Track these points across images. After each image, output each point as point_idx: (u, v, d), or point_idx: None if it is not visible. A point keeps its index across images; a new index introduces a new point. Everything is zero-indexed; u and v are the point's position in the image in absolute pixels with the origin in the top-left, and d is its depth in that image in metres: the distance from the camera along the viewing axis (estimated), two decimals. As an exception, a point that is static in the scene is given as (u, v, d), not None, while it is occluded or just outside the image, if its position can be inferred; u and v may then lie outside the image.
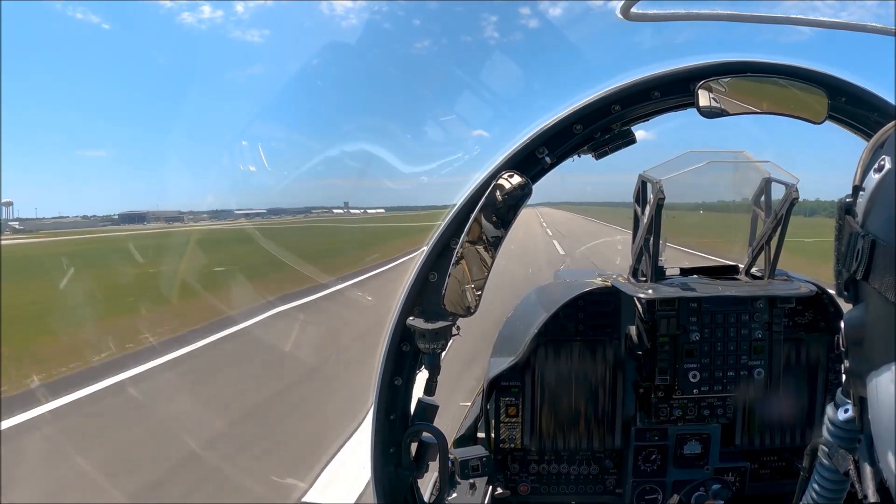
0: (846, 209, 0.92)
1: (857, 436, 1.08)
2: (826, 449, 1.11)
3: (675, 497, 2.11)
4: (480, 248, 1.52)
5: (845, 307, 0.95)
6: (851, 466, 1.00)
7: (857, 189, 0.91)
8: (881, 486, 0.92)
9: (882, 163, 0.85)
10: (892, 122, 0.96)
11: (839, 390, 1.13)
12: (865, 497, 0.94)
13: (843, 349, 0.92)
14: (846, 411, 1.06)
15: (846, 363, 0.92)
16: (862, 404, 0.93)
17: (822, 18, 1.54)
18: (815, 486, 1.17)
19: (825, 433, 1.15)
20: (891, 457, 0.77)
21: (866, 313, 0.85)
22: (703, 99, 1.52)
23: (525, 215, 1.72)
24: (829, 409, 1.15)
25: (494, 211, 1.50)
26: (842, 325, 0.91)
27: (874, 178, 0.86)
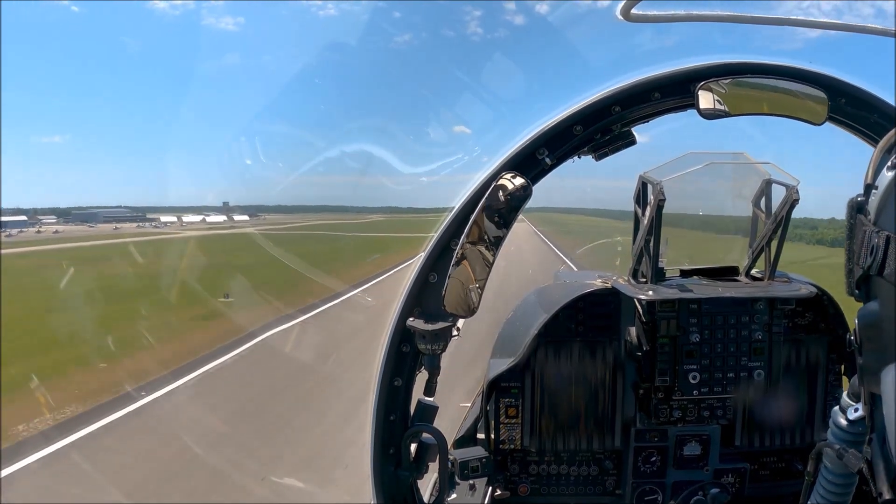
0: (858, 208, 0.92)
1: (866, 436, 1.08)
2: (831, 452, 1.11)
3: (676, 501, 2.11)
4: (481, 249, 1.52)
5: (845, 309, 0.96)
6: (864, 465, 1.00)
7: (869, 187, 0.91)
8: (895, 482, 0.92)
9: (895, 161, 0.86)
10: None
11: (845, 394, 1.13)
12: (880, 494, 0.94)
13: (855, 346, 0.92)
14: (855, 411, 1.07)
15: (859, 360, 0.92)
16: (873, 402, 0.93)
17: (822, 20, 1.55)
18: (822, 488, 1.17)
19: (830, 436, 1.14)
20: None
21: (881, 309, 0.86)
22: (704, 100, 1.52)
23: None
24: (835, 412, 1.15)
25: (495, 212, 1.50)
26: (856, 321, 0.91)
27: (887, 175, 0.87)
